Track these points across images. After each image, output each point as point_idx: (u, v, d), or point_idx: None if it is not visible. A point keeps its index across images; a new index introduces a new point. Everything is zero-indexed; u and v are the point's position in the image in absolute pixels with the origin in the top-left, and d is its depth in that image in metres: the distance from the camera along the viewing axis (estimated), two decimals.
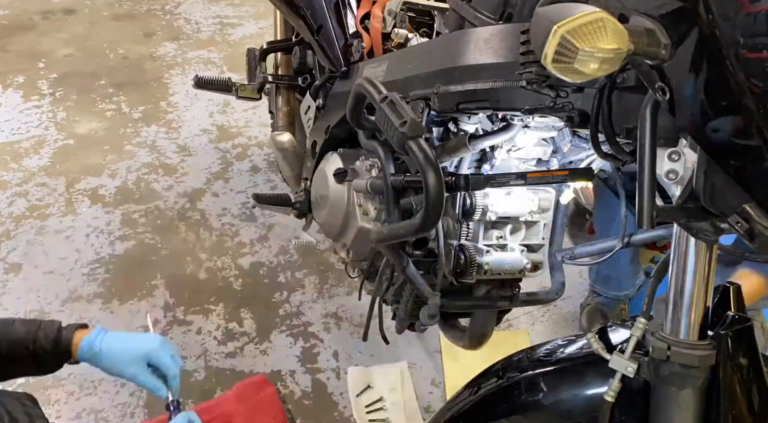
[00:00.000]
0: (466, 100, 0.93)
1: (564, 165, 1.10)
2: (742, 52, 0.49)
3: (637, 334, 0.73)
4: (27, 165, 2.49)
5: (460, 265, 1.12)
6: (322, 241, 2.10)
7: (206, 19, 3.61)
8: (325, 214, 1.33)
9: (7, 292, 1.97)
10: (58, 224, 2.23)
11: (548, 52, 0.49)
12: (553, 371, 0.84)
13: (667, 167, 0.62)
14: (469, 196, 1.10)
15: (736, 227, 0.56)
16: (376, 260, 1.28)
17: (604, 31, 0.49)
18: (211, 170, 2.53)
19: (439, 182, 0.82)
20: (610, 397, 0.73)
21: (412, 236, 0.95)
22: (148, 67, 3.16)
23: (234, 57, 3.26)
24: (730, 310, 0.70)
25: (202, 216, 2.31)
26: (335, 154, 1.34)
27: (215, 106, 2.89)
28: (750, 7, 0.48)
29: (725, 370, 0.68)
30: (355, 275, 1.46)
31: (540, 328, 1.98)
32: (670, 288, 0.71)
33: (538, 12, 0.52)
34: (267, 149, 2.64)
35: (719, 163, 0.55)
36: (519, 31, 0.76)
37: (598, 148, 0.78)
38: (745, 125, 0.51)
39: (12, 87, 2.94)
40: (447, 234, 1.13)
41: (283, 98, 1.78)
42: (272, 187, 2.47)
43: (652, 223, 0.58)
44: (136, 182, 2.44)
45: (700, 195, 0.60)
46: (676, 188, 0.63)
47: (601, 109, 0.74)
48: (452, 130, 1.12)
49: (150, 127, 2.74)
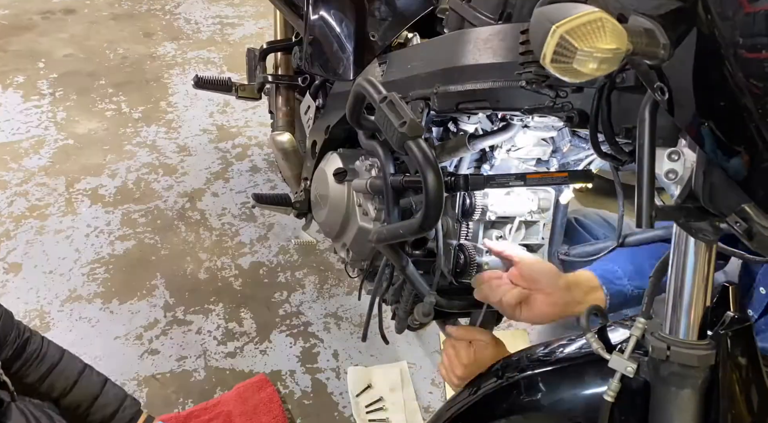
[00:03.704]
0: (465, 100, 0.93)
1: (563, 165, 1.10)
2: (741, 52, 0.49)
3: (637, 333, 0.73)
4: (27, 165, 2.49)
5: (460, 265, 1.12)
6: (322, 241, 2.10)
7: (206, 19, 3.61)
8: (325, 214, 1.33)
9: (7, 292, 1.97)
10: (58, 224, 2.23)
11: (547, 52, 0.49)
12: (552, 371, 0.84)
13: (667, 167, 0.62)
14: (469, 196, 1.10)
15: (734, 227, 0.56)
16: (375, 260, 1.28)
17: (603, 31, 0.49)
18: (211, 170, 2.53)
19: (438, 182, 0.82)
20: (610, 397, 0.73)
21: (411, 236, 0.95)
22: (148, 66, 3.16)
23: (234, 57, 3.26)
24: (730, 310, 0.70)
25: (201, 216, 2.31)
26: (335, 154, 1.34)
27: (215, 106, 2.89)
28: (749, 7, 0.48)
29: (725, 369, 0.68)
30: (354, 275, 1.46)
31: (540, 328, 1.97)
32: (670, 288, 0.71)
33: (537, 12, 0.52)
34: (267, 149, 2.64)
35: (718, 163, 0.55)
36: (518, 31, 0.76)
37: (597, 148, 0.78)
38: (744, 125, 0.51)
39: (12, 87, 2.94)
40: (446, 234, 1.13)
41: (282, 98, 1.78)
42: (272, 187, 2.47)
43: (651, 223, 0.58)
44: (136, 182, 2.44)
45: (699, 195, 0.60)
46: (675, 188, 0.63)
47: (600, 109, 0.74)
48: (452, 130, 1.12)
49: (150, 127, 2.74)
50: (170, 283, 2.04)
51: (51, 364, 1.28)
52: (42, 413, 1.14)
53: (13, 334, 1.24)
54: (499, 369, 0.91)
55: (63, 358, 1.31)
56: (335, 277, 2.10)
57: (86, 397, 1.29)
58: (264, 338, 1.89)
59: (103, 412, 1.30)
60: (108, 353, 1.80)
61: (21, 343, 1.26)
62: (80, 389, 1.29)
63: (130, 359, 1.79)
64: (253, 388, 1.70)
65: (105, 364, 1.67)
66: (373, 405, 1.71)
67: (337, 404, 1.72)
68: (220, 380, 1.76)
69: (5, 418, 1.05)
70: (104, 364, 1.53)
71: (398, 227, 0.95)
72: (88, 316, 1.91)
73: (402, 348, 1.87)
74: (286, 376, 1.78)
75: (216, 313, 1.95)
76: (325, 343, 1.88)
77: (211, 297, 2.00)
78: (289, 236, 2.24)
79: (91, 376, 1.33)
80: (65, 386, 1.28)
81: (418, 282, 1.07)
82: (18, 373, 1.22)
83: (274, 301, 2.01)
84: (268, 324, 1.93)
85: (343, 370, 1.80)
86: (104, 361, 1.75)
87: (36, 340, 1.29)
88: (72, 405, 1.28)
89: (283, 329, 1.92)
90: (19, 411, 1.08)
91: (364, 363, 1.82)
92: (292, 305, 2.00)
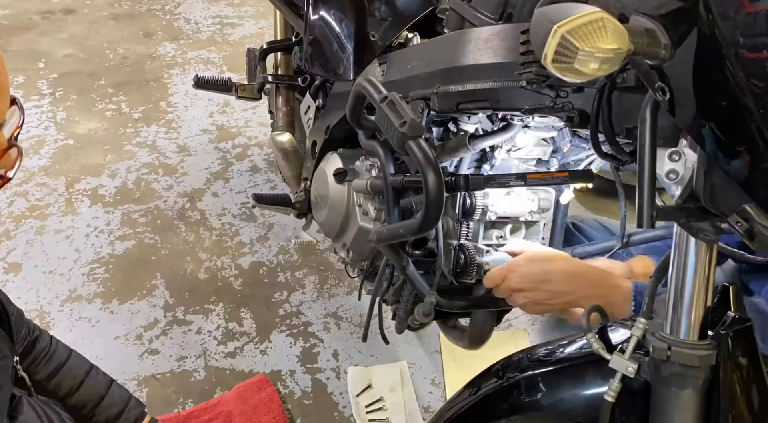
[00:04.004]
0: (466, 100, 0.93)
1: (564, 165, 1.10)
2: (741, 52, 0.49)
3: (638, 334, 0.73)
4: (27, 165, 2.49)
5: (460, 265, 1.12)
6: (322, 241, 2.10)
7: (206, 19, 3.61)
8: (325, 214, 1.33)
9: (7, 292, 1.95)
10: (58, 224, 2.23)
11: (548, 52, 0.49)
12: (552, 371, 0.83)
13: (668, 167, 0.62)
14: (469, 196, 1.10)
15: (735, 227, 0.56)
16: (376, 260, 1.28)
17: (604, 30, 0.49)
18: (211, 170, 2.53)
19: (439, 182, 0.82)
20: (611, 398, 0.73)
21: (411, 236, 0.95)
22: (148, 66, 3.16)
23: (234, 57, 3.26)
24: (730, 310, 0.70)
25: (201, 216, 2.31)
26: (335, 154, 1.34)
27: (215, 106, 2.88)
28: (750, 7, 0.48)
29: (725, 370, 0.68)
30: (355, 275, 1.46)
31: (540, 328, 1.97)
32: (671, 288, 0.71)
33: (537, 12, 0.52)
34: (267, 149, 2.64)
35: (719, 164, 0.55)
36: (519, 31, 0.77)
37: (597, 148, 0.78)
38: (745, 125, 0.51)
39: (12, 87, 2.92)
40: (447, 234, 1.13)
41: (282, 98, 1.78)
42: (272, 187, 2.47)
43: (652, 223, 0.58)
44: (136, 182, 2.44)
45: (700, 195, 0.60)
46: (676, 188, 0.63)
47: (601, 109, 0.74)
48: (452, 130, 1.12)
49: (150, 127, 2.74)
50: (170, 283, 2.04)
51: (59, 363, 1.28)
52: (51, 410, 1.15)
53: (24, 331, 1.25)
54: (500, 369, 0.90)
55: (70, 358, 1.31)
56: (335, 277, 2.10)
57: (92, 397, 1.29)
58: (264, 338, 1.89)
59: (108, 413, 1.30)
60: (108, 353, 1.80)
61: (31, 340, 1.27)
62: (87, 389, 1.29)
63: (130, 359, 1.79)
64: (253, 388, 1.70)
65: (105, 364, 1.66)
66: (373, 405, 1.71)
67: (337, 404, 1.72)
68: (220, 380, 1.76)
69: (17, 413, 1.06)
70: (104, 364, 1.52)
71: (398, 227, 0.95)
72: (88, 316, 1.91)
73: (402, 348, 1.87)
74: (286, 376, 1.78)
75: (216, 313, 1.95)
76: (325, 343, 1.88)
77: (211, 297, 2.00)
78: (289, 236, 2.24)
79: (97, 376, 1.33)
80: (72, 385, 1.28)
81: (419, 282, 1.07)
82: (27, 370, 1.22)
83: (274, 301, 2.01)
84: (268, 324, 1.93)
85: (343, 370, 1.80)
86: (104, 361, 1.75)
87: (45, 339, 1.29)
88: (78, 404, 1.28)
89: (283, 329, 1.92)
90: (30, 406, 1.09)
91: (364, 363, 1.82)
92: (292, 305, 2.00)
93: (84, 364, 1.33)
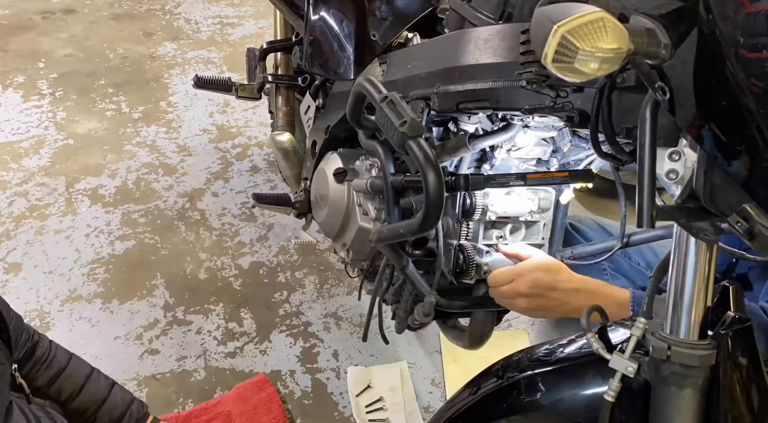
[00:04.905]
0: (466, 100, 0.93)
1: (564, 164, 1.10)
2: (742, 52, 0.49)
3: (637, 333, 0.73)
4: (27, 165, 2.49)
5: (460, 265, 1.12)
6: (322, 241, 2.10)
7: (206, 19, 3.61)
8: (325, 214, 1.33)
9: (7, 292, 1.97)
10: (58, 224, 2.23)
11: (548, 51, 0.49)
12: (552, 371, 0.83)
13: (667, 167, 0.62)
14: (469, 195, 1.10)
15: (735, 227, 0.56)
16: (375, 260, 1.28)
17: (605, 30, 0.49)
18: (211, 170, 2.53)
19: (439, 182, 0.82)
20: (610, 397, 0.73)
21: (411, 236, 0.95)
22: (148, 67, 3.16)
23: (234, 57, 3.26)
24: (730, 310, 0.70)
25: (201, 216, 2.31)
26: (335, 154, 1.34)
27: (215, 106, 2.88)
28: (750, 7, 0.48)
29: (725, 369, 0.68)
30: (354, 275, 1.46)
31: (540, 328, 1.97)
32: (670, 288, 0.71)
33: (538, 12, 0.52)
34: (267, 149, 2.64)
35: (719, 163, 0.55)
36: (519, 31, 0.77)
37: (597, 148, 0.78)
38: (745, 125, 0.51)
39: (12, 87, 2.94)
40: (447, 234, 1.13)
41: (282, 98, 1.78)
42: (272, 187, 2.47)
43: (652, 223, 0.58)
44: (136, 182, 2.44)
45: (700, 195, 0.60)
46: (676, 188, 0.63)
47: (601, 109, 0.74)
48: (452, 129, 1.12)
49: (150, 127, 2.74)
50: (170, 283, 2.04)
51: (59, 369, 1.28)
52: (44, 413, 1.14)
53: (24, 337, 1.24)
54: (499, 369, 0.91)
55: (70, 362, 1.31)
56: (335, 277, 2.10)
57: (94, 401, 1.29)
58: (264, 338, 1.89)
59: (110, 416, 1.30)
60: (108, 353, 1.80)
61: (31, 345, 1.26)
62: (88, 393, 1.29)
63: (130, 359, 1.79)
64: (253, 388, 1.70)
65: (105, 364, 1.67)
66: (373, 405, 1.71)
67: (337, 404, 1.72)
68: (220, 380, 1.76)
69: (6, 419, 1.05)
70: (104, 364, 1.53)
71: (398, 227, 0.95)
72: (88, 316, 1.91)
73: (402, 348, 1.87)
74: (286, 376, 1.78)
75: (216, 313, 1.95)
76: (325, 343, 1.88)
77: (211, 297, 2.00)
78: (289, 236, 2.24)
79: (98, 379, 1.33)
80: (73, 390, 1.28)
81: (419, 282, 1.07)
82: (27, 376, 1.22)
83: (274, 301, 2.01)
84: (268, 324, 1.93)
85: (343, 370, 1.80)
86: (104, 361, 1.75)
87: (44, 344, 1.29)
88: (80, 409, 1.28)
89: (283, 329, 1.92)
90: (20, 412, 1.08)
91: (364, 363, 1.82)
92: (292, 305, 2.00)
93: (84, 368, 1.33)
